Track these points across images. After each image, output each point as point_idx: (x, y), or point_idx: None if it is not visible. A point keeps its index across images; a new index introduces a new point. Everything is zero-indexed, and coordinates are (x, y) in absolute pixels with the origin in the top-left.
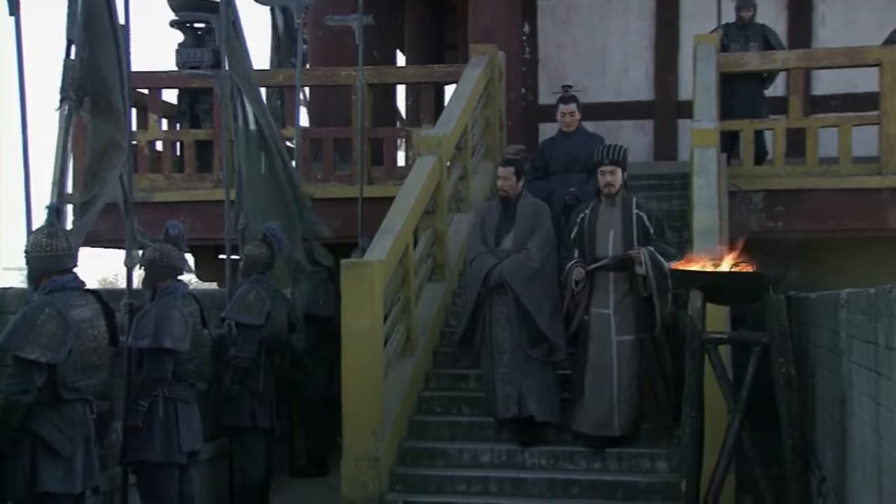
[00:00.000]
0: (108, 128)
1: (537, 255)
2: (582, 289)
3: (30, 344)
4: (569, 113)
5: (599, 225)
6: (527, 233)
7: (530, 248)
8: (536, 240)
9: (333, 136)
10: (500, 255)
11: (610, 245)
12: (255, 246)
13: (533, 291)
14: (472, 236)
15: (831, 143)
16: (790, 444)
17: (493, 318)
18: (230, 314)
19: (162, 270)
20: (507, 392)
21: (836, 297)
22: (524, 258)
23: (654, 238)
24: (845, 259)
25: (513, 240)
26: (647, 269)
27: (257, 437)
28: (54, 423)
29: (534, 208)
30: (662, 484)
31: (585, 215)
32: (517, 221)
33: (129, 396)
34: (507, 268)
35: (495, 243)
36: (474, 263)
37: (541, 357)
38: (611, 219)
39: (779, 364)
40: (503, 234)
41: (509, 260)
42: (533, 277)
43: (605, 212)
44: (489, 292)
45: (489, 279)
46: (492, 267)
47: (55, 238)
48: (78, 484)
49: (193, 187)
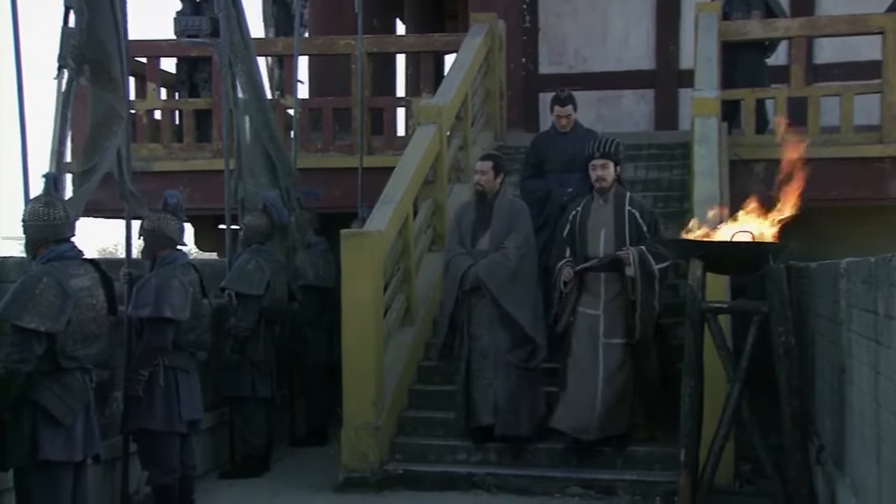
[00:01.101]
0: (108, 96)
1: (514, 255)
2: (571, 289)
3: (29, 313)
4: (565, 115)
5: (591, 223)
6: (504, 232)
7: (507, 248)
8: (513, 239)
9: (333, 105)
10: (476, 255)
11: (602, 244)
12: (254, 216)
13: (511, 292)
14: (449, 237)
15: (833, 112)
16: (789, 413)
17: (474, 321)
18: (230, 284)
19: (160, 240)
20: (486, 397)
21: (837, 266)
22: (500, 258)
23: (647, 237)
24: (845, 228)
25: (489, 239)
26: (636, 270)
27: (257, 406)
28: (54, 392)
29: (511, 207)
30: (661, 453)
31: (577, 212)
32: (494, 220)
33: (130, 366)
34: (483, 268)
35: (472, 244)
36: (451, 266)
37: (520, 363)
38: (603, 216)
39: (778, 333)
40: (479, 233)
41: (485, 260)
42: (511, 278)
43: (598, 209)
44: (467, 295)
45: (465, 281)
46: (467, 268)
47: (53, 207)
48: (78, 452)
49: (192, 157)
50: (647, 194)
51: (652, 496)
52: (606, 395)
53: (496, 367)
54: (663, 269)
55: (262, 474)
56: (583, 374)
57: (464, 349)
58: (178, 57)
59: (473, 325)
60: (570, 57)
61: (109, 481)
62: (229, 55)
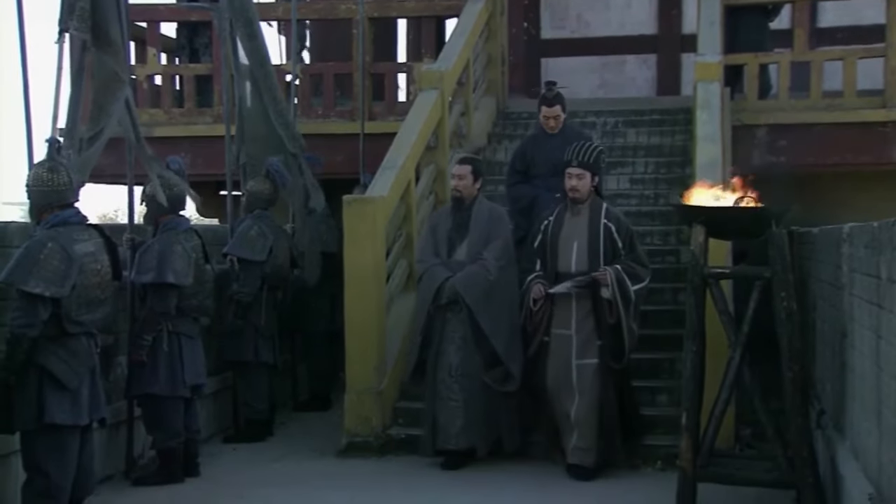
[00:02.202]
0: (109, 60)
1: (494, 267)
2: (541, 307)
3: (34, 278)
4: (553, 116)
5: (564, 235)
6: (482, 241)
7: (486, 259)
8: (493, 250)
9: (334, 71)
10: (453, 266)
11: (573, 259)
12: (257, 182)
13: (489, 309)
14: (423, 246)
15: (836, 77)
16: (790, 377)
17: (447, 337)
18: (232, 250)
19: (160, 205)
20: (452, 421)
21: (839, 231)
22: (479, 270)
23: (621, 253)
24: (847, 194)
25: (467, 249)
26: (614, 292)
27: (260, 371)
28: (60, 357)
29: (490, 214)
30: (663, 417)
31: (550, 222)
32: (472, 229)
33: (133, 331)
34: (460, 281)
35: (448, 253)
36: (425, 277)
37: (495, 384)
38: (576, 229)
39: (780, 298)
40: (456, 243)
41: (463, 273)
42: (489, 293)
43: (571, 220)
44: (441, 310)
45: (441, 294)
46: (444, 280)
47: (56, 172)
48: (84, 416)
49: (193, 122)
50: (650, 160)
51: (653, 460)
52: (580, 421)
53: (469, 388)
54: (639, 291)
55: (266, 439)
56: (555, 398)
57: (437, 367)
58: (178, 21)
59: (446, 341)
60: (573, 21)
61: (114, 445)
62: (230, 19)
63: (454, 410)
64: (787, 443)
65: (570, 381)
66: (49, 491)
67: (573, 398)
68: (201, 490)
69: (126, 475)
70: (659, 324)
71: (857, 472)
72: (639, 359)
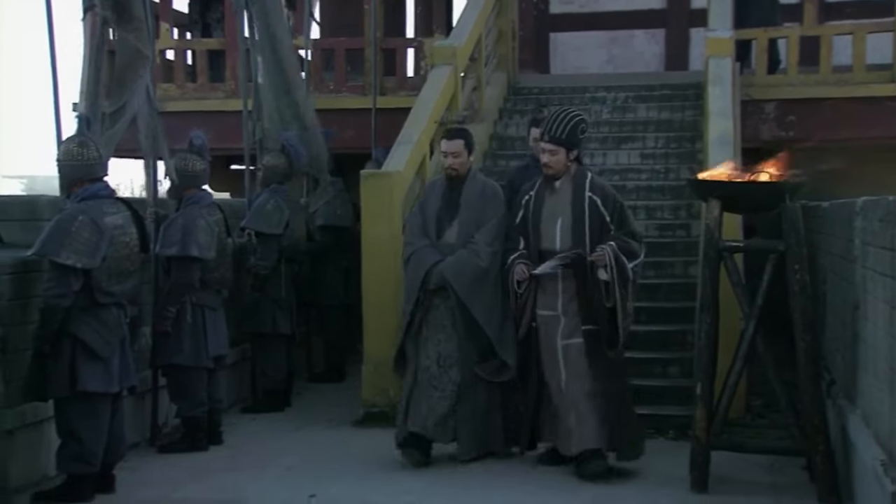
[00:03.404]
0: (132, 37)
1: (486, 253)
2: (525, 290)
3: (66, 250)
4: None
5: (546, 210)
6: (474, 223)
7: (477, 244)
8: (485, 233)
9: (345, 46)
10: (443, 249)
11: (558, 237)
12: (273, 156)
13: (481, 297)
14: (411, 224)
15: (845, 51)
16: (803, 347)
17: (433, 324)
18: (250, 224)
19: (185, 179)
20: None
21: (852, 205)
22: (469, 255)
23: (611, 228)
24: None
25: (457, 231)
26: (613, 274)
27: (278, 342)
28: (92, 326)
29: (483, 191)
30: (674, 388)
31: (531, 197)
32: (462, 208)
33: (158, 303)
34: (449, 267)
35: (437, 235)
36: (412, 260)
37: (489, 376)
38: (559, 203)
39: (794, 271)
40: (446, 223)
41: (452, 258)
42: (481, 279)
43: (553, 195)
44: (429, 295)
45: (429, 279)
46: (432, 265)
47: (86, 147)
48: (115, 384)
49: (205, 97)
50: (660, 135)
51: (665, 429)
52: (575, 404)
53: (461, 380)
54: (636, 268)
55: (283, 409)
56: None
57: (419, 354)
58: None
59: (431, 328)
60: None
61: (139, 413)
62: None
63: (437, 401)
64: (799, 412)
65: (557, 365)
66: (83, 455)
67: (560, 383)
68: (225, 458)
69: (151, 443)
70: (670, 296)
71: (868, 438)
72: (650, 331)
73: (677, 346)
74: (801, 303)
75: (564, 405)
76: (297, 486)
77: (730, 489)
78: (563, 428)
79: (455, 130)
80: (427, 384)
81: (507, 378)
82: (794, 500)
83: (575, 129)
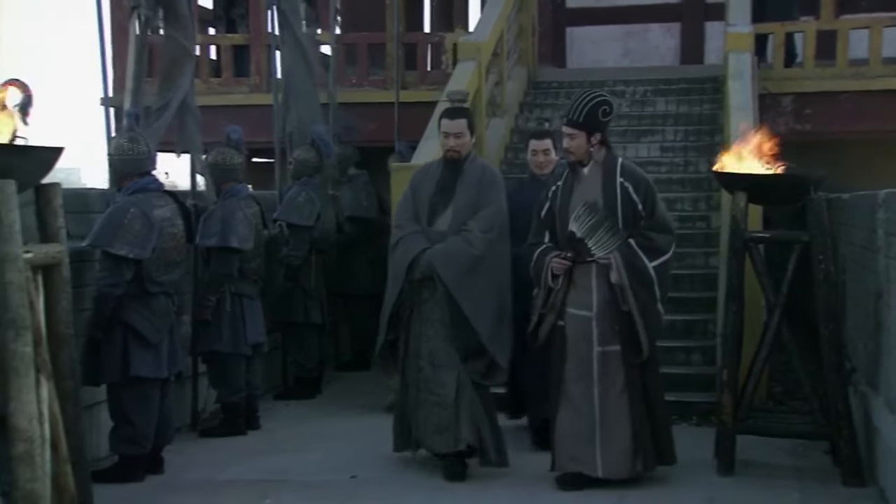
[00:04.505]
0: (178, 35)
1: (480, 241)
2: (561, 286)
3: (118, 241)
4: (542, 150)
5: (575, 200)
6: (470, 209)
7: (471, 230)
8: (481, 219)
9: (367, 41)
10: (432, 237)
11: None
12: (304, 150)
13: (472, 288)
14: (401, 209)
15: (861, 45)
16: (827, 335)
17: (423, 318)
18: (282, 215)
19: (224, 173)
20: (428, 417)
21: (874, 197)
22: (461, 242)
23: (642, 216)
24: (873, 160)
25: (451, 217)
26: (622, 276)
27: (310, 331)
28: (142, 314)
29: (482, 176)
30: (697, 375)
31: (558, 188)
32: (458, 192)
33: (198, 292)
34: (437, 255)
35: (428, 221)
36: (399, 246)
37: (476, 377)
38: (588, 191)
39: (819, 261)
40: (440, 209)
41: (442, 245)
42: (473, 270)
43: (582, 181)
44: (416, 286)
45: (415, 268)
46: (419, 252)
47: (136, 143)
48: (164, 369)
49: (230, 91)
50: (679, 128)
51: (688, 415)
52: (607, 417)
53: (453, 380)
54: (661, 267)
55: (315, 396)
56: (576, 394)
57: (408, 353)
58: None
59: (422, 323)
60: None
61: (179, 399)
62: None
63: (433, 408)
64: (822, 397)
65: (590, 373)
66: (135, 438)
67: (593, 393)
68: (264, 441)
69: (191, 427)
70: (692, 287)
71: (893, 423)
72: (673, 320)
73: (699, 335)
74: (825, 292)
75: (591, 420)
76: (337, 468)
77: (755, 472)
78: (589, 447)
79: (457, 110)
80: (424, 388)
81: (497, 381)
82: (818, 482)
83: (594, 111)
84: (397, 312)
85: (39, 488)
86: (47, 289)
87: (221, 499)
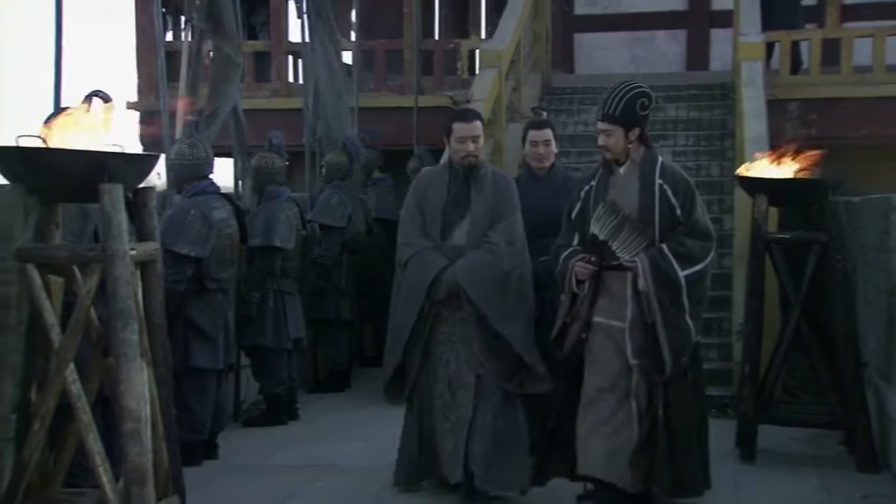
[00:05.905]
0: (225, 46)
1: (506, 253)
2: (588, 292)
3: (181, 241)
4: (542, 141)
5: (609, 200)
6: (487, 220)
7: (496, 242)
8: (502, 231)
9: (385, 48)
10: (449, 253)
11: None
12: (335, 154)
13: (503, 305)
14: (408, 224)
15: (864, 52)
16: (843, 331)
17: (439, 339)
18: (316, 217)
19: (267, 176)
20: (444, 447)
21: (887, 200)
22: (489, 256)
23: (680, 220)
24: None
25: (468, 230)
26: (648, 283)
27: (341, 328)
28: (201, 309)
29: (496, 184)
30: (715, 370)
31: (592, 187)
32: (474, 202)
33: (242, 289)
34: (464, 272)
35: (441, 235)
36: (412, 265)
37: (519, 388)
38: (624, 192)
39: (836, 261)
40: (455, 220)
41: (466, 260)
42: (502, 285)
43: (617, 181)
44: (435, 306)
45: (437, 288)
46: (440, 270)
47: (196, 148)
48: (220, 361)
49: (252, 96)
50: (690, 133)
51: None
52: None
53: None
54: (693, 276)
55: (345, 389)
56: (603, 413)
57: (426, 378)
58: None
59: (440, 346)
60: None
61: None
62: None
63: (450, 435)
64: (838, 390)
65: (629, 389)
66: (193, 425)
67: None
68: (305, 430)
69: (234, 418)
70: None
71: None
72: None
73: (715, 332)
74: (842, 289)
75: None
76: (378, 453)
77: (775, 460)
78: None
79: (470, 112)
80: (441, 416)
81: (544, 389)
82: (834, 469)
83: (632, 103)
84: (414, 336)
85: (146, 462)
86: (144, 283)
87: (278, 478)
